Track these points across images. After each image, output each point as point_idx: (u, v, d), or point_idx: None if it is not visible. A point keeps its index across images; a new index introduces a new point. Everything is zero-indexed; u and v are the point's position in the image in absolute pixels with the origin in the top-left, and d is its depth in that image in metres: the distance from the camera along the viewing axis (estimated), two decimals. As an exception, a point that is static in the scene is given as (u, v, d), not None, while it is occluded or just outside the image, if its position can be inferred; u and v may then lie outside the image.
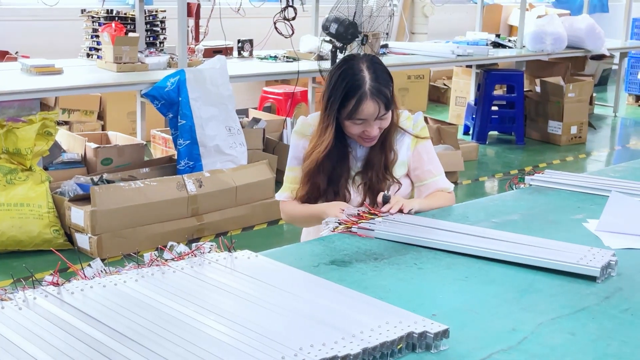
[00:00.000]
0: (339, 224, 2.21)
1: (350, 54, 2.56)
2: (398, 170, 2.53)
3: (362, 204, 2.42)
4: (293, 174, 2.57)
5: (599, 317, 1.65)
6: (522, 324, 1.60)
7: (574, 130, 7.79)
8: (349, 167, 2.51)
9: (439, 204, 2.49)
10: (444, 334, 1.47)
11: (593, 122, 8.55)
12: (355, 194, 2.51)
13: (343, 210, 2.31)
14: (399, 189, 2.51)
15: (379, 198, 2.36)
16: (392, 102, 2.43)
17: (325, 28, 5.49)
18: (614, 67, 10.14)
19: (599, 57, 8.64)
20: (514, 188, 2.76)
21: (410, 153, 2.55)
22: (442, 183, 2.57)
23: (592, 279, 1.84)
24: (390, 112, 2.43)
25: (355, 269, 1.90)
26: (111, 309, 1.53)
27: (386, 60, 6.41)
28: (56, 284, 1.63)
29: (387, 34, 5.76)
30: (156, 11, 6.11)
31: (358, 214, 2.27)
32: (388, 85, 2.42)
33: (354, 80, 2.38)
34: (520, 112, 7.64)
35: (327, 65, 5.63)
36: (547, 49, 7.65)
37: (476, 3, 9.11)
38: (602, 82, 11.22)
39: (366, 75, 2.39)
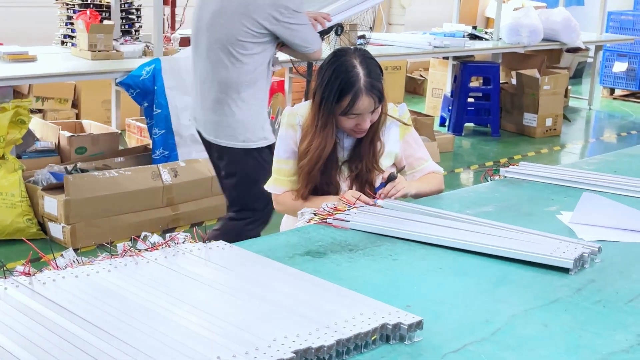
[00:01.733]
0: (315, 214, 2.21)
1: (341, 47, 2.54)
2: (385, 161, 2.55)
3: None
4: (288, 167, 2.55)
5: (571, 309, 1.66)
6: (496, 315, 1.60)
7: (549, 122, 7.84)
8: (337, 158, 2.52)
9: (432, 185, 2.58)
10: (418, 325, 1.47)
11: (568, 114, 8.61)
12: (343, 183, 2.52)
13: (357, 197, 2.32)
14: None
15: (385, 174, 2.43)
16: (384, 95, 2.45)
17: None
18: (589, 60, 10.22)
19: (575, 50, 8.69)
20: (489, 180, 2.77)
21: (399, 143, 2.56)
22: (433, 167, 2.64)
23: (565, 270, 1.85)
24: (380, 105, 2.45)
25: (330, 260, 1.90)
26: (83, 299, 1.51)
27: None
28: (28, 274, 1.61)
29: (370, 28, 5.75)
30: (132, -1, 6.06)
31: (334, 205, 2.27)
32: (380, 79, 2.45)
33: (348, 77, 2.39)
34: (495, 104, 7.68)
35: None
36: (523, 41, 7.69)
37: (453, -5, 9.13)
38: (577, 75, 11.31)
39: (360, 71, 2.40)
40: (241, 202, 3.46)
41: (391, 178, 2.41)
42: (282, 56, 5.88)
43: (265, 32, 3.32)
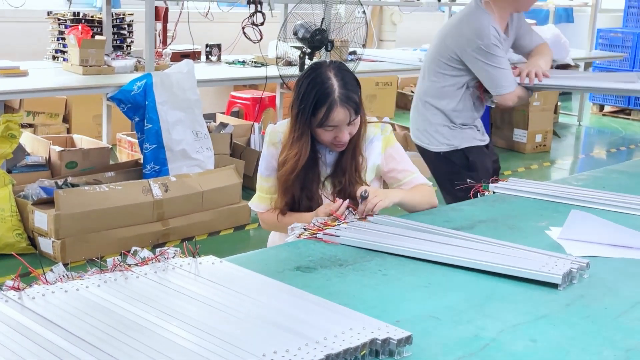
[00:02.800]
0: (305, 229, 2.22)
1: (317, 61, 2.56)
2: (368, 176, 2.55)
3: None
4: (268, 185, 2.58)
5: (559, 325, 1.67)
6: (484, 331, 1.61)
7: (538, 138, 7.87)
8: (319, 172, 2.53)
9: (421, 196, 2.56)
10: (407, 340, 1.48)
11: (558, 130, 8.65)
12: (327, 199, 2.52)
13: (333, 210, 2.33)
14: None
15: (358, 192, 2.37)
16: (361, 107, 2.45)
17: (295, 33, 5.50)
18: (579, 76, 10.25)
19: (564, 67, 8.73)
20: (479, 195, 2.78)
21: (381, 157, 2.57)
22: (421, 179, 2.61)
23: (553, 286, 1.86)
24: (359, 117, 2.46)
25: (320, 275, 1.90)
26: (73, 314, 1.51)
27: (355, 66, 6.43)
28: (17, 289, 1.61)
29: (363, 45, 5.78)
30: (123, 14, 6.07)
31: (324, 220, 2.28)
32: (356, 90, 2.45)
33: (323, 89, 2.40)
34: (486, 119, 7.69)
35: (289, 71, 5.63)
36: (513, 57, 7.69)
37: (444, 12, 9.17)
38: (566, 92, 11.36)
39: (334, 82, 2.41)
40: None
41: (363, 197, 2.35)
42: (274, 71, 5.93)
43: (457, 58, 3.54)
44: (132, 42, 6.07)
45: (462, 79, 3.59)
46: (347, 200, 2.37)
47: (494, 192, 2.77)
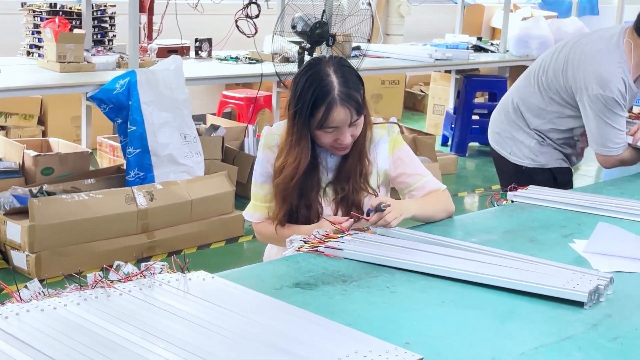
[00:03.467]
0: (305, 242, 2.21)
1: (316, 57, 2.55)
2: (374, 180, 2.55)
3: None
4: (263, 192, 2.57)
5: (585, 347, 1.66)
6: (503, 354, 1.60)
7: (561, 141, 7.87)
8: (319, 179, 2.52)
9: (437, 204, 2.54)
10: (418, 364, 1.48)
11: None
12: (327, 207, 2.52)
13: (337, 222, 2.33)
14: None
15: (375, 203, 2.34)
16: (364, 106, 2.45)
17: (293, 27, 5.51)
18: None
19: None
20: (496, 205, 2.78)
21: (389, 160, 2.56)
22: (434, 184, 2.59)
23: (579, 304, 1.85)
24: (362, 118, 2.45)
25: (321, 292, 1.90)
26: (50, 335, 1.51)
27: (358, 63, 6.44)
28: (-12, 308, 1.61)
29: (368, 40, 5.79)
30: (105, 6, 6.07)
31: (326, 232, 2.28)
32: (358, 88, 2.44)
33: (321, 87, 2.39)
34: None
35: (287, 68, 5.64)
36: (532, 53, 7.74)
37: (456, 3, 9.20)
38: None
39: (334, 79, 2.40)
40: None
41: (379, 209, 2.32)
42: (270, 69, 5.92)
43: (570, 92, 3.34)
44: (114, 36, 6.07)
45: (568, 112, 3.40)
46: (353, 219, 2.36)
47: (512, 201, 2.77)
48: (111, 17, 6.07)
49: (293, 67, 5.65)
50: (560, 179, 3.50)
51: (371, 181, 2.54)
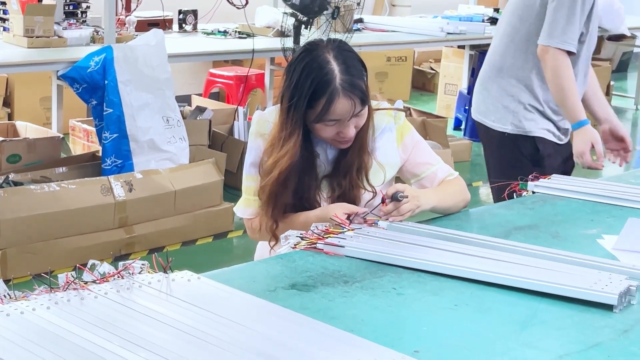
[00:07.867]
0: (302, 238, 2.21)
1: (312, 41, 2.52)
2: (379, 178, 2.53)
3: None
4: (255, 185, 2.55)
5: (616, 356, 1.66)
6: (524, 363, 1.61)
7: (587, 125, 7.86)
8: (316, 175, 2.51)
9: (454, 193, 2.55)
10: (429, 375, 1.48)
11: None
12: (324, 203, 2.51)
13: (348, 214, 2.33)
14: (373, 197, 2.50)
15: (391, 192, 2.35)
16: (368, 95, 2.44)
17: (288, -2, 5.50)
18: (636, 50, 10.29)
19: (618, 38, 8.76)
20: (515, 196, 2.78)
21: (397, 152, 2.56)
22: (445, 170, 2.60)
23: (608, 308, 1.86)
24: (366, 107, 2.44)
25: (320, 294, 1.90)
26: (16, 343, 1.51)
27: (361, 38, 6.43)
28: (-53, 312, 1.60)
29: (358, 3, 5.77)
30: (78, -27, 6.07)
31: (325, 227, 2.27)
32: (362, 76, 2.43)
33: (321, 75, 2.37)
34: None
35: (291, 43, 5.62)
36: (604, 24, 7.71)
37: (470, -30, 9.19)
38: (621, 68, 11.38)
39: (335, 67, 2.39)
40: None
41: (395, 198, 2.34)
42: (263, 44, 5.91)
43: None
44: (87, 7, 6.05)
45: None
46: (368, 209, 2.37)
47: (533, 192, 2.77)
48: (85, -13, 6.06)
49: (292, 42, 5.64)
50: (543, 151, 3.53)
51: (375, 179, 2.52)
